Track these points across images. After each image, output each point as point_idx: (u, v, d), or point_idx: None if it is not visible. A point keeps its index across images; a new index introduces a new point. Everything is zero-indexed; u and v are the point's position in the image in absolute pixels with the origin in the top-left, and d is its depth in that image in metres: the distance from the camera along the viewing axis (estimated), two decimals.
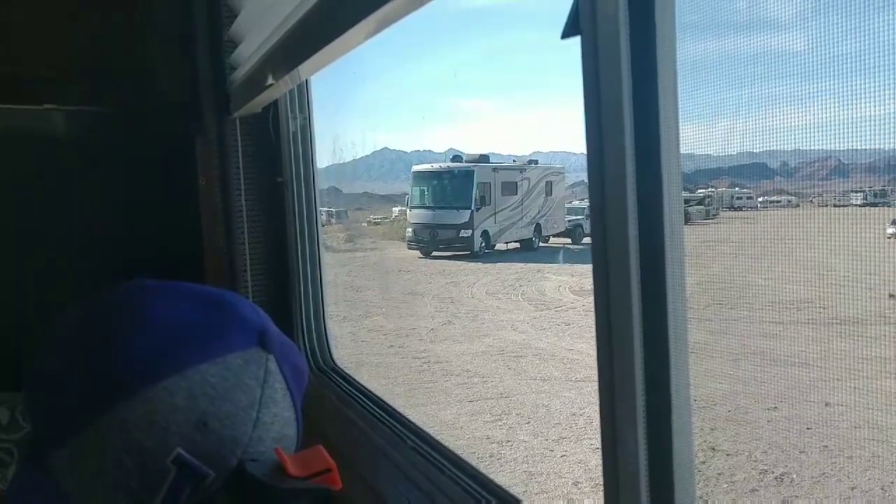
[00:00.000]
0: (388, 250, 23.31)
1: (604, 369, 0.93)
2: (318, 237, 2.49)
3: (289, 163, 2.43)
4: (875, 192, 3.30)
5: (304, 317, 2.44)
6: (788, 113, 1.33)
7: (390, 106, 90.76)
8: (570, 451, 7.15)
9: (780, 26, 1.16)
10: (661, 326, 0.88)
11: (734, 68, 1.19)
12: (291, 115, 2.41)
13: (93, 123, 2.50)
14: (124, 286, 1.06)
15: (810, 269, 2.97)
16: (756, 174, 4.25)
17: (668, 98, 0.86)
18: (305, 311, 2.45)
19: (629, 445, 0.89)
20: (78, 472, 0.97)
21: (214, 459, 0.96)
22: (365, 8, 1.26)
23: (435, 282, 17.45)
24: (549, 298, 14.61)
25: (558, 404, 8.42)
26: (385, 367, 10.57)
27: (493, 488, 1.38)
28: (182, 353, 0.96)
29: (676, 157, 0.87)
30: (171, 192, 2.44)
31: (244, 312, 1.05)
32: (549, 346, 10.96)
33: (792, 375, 3.37)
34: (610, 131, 0.87)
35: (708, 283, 3.53)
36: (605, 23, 0.86)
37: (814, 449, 4.51)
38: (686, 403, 0.89)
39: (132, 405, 0.93)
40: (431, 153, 58.16)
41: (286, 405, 1.04)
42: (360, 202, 35.67)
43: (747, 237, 5.12)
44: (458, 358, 10.61)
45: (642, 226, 0.87)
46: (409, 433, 1.69)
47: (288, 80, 1.93)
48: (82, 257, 2.36)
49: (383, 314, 14.46)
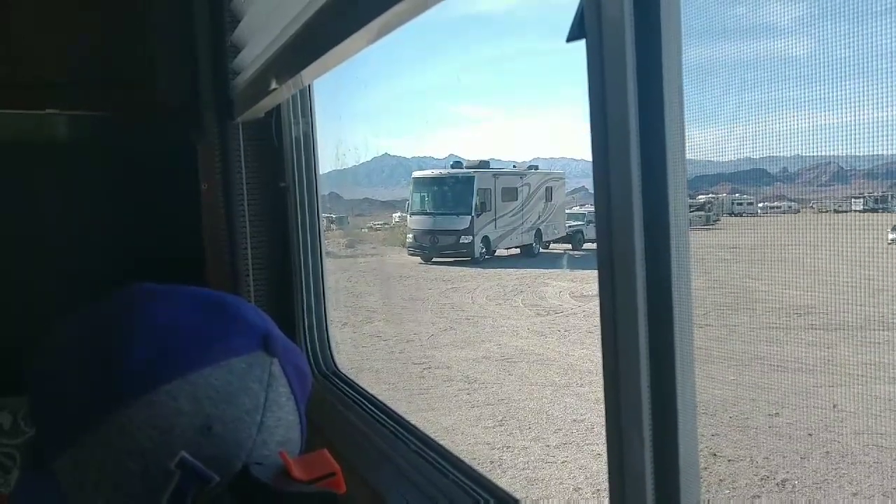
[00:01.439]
0: (388, 256, 23.31)
1: (609, 374, 0.93)
2: (321, 242, 2.49)
3: (291, 168, 2.44)
4: (875, 197, 3.29)
5: (307, 321, 2.44)
6: (789, 118, 1.33)
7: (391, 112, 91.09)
8: (572, 458, 7.13)
9: (781, 31, 1.16)
10: (666, 332, 0.88)
11: (735, 73, 1.19)
12: (294, 120, 2.42)
13: (95, 128, 2.51)
14: (126, 290, 1.06)
15: (811, 275, 2.97)
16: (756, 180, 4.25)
17: (674, 102, 0.86)
18: (308, 315, 2.45)
19: (635, 448, 0.89)
20: (81, 476, 0.96)
21: (218, 463, 0.96)
22: (367, 13, 1.27)
23: (435, 287, 17.44)
24: (550, 304, 14.59)
25: (559, 410, 8.41)
26: (386, 372, 10.56)
27: (493, 489, 1.39)
28: (185, 357, 0.96)
29: (682, 161, 0.88)
30: (173, 196, 2.44)
31: (247, 316, 1.04)
32: (549, 352, 10.95)
33: (793, 381, 3.36)
34: (615, 135, 0.87)
35: (709, 288, 3.52)
36: (610, 26, 0.86)
37: (816, 455, 4.51)
38: (692, 407, 0.89)
39: (135, 409, 0.93)
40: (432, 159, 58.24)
41: (290, 409, 1.04)
42: (361, 208, 35.67)
43: (748, 243, 5.12)
44: (459, 364, 10.60)
45: (648, 231, 0.87)
46: (411, 437, 1.69)
47: (291, 85, 1.94)
48: (84, 262, 2.36)
49: (384, 320, 14.45)
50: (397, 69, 70.40)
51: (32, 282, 2.36)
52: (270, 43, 1.94)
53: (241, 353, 1.00)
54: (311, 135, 2.44)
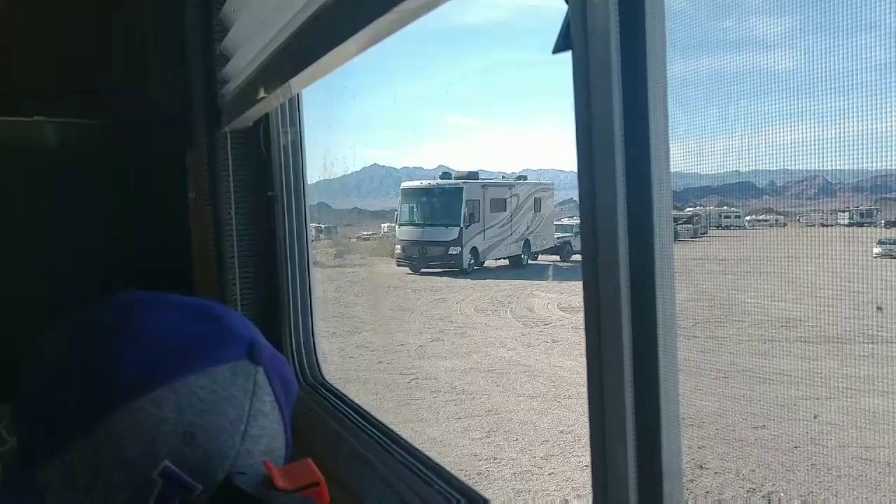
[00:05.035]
0: (377, 266, 23.28)
1: (593, 385, 0.93)
2: (308, 252, 2.48)
3: (279, 177, 2.43)
4: (861, 212, 3.31)
5: (293, 331, 2.43)
6: (776, 131, 1.34)
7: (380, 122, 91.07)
8: (559, 469, 7.13)
9: (767, 45, 1.17)
10: (650, 342, 0.88)
11: (721, 86, 1.20)
12: (282, 129, 2.41)
13: (83, 135, 2.50)
14: (113, 298, 1.06)
15: (798, 288, 2.98)
16: (743, 193, 4.26)
17: (659, 113, 0.87)
18: (294, 325, 2.44)
19: (619, 458, 0.89)
20: (65, 484, 0.96)
21: (202, 472, 0.96)
22: (357, 23, 1.27)
23: (424, 298, 17.43)
24: (538, 315, 14.60)
25: (546, 421, 8.40)
26: (373, 383, 10.53)
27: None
28: (170, 365, 0.96)
29: (667, 172, 0.88)
30: (161, 204, 2.44)
31: (233, 324, 1.04)
32: (537, 363, 10.95)
33: (780, 393, 3.37)
34: (600, 146, 0.88)
35: (696, 300, 3.53)
36: (596, 38, 0.87)
37: (801, 468, 4.52)
38: (675, 418, 0.89)
39: (120, 417, 0.93)
40: (421, 170, 58.24)
41: (275, 418, 1.03)
42: (350, 218, 35.58)
43: (735, 255, 5.14)
44: (447, 374, 10.58)
45: (632, 242, 0.88)
46: (396, 447, 1.68)
47: (280, 94, 1.94)
48: (72, 269, 2.35)
49: (372, 330, 14.42)
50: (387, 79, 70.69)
51: (19, 288, 2.35)
52: (259, 51, 1.94)
53: (226, 361, 0.99)
54: (299, 144, 2.44)
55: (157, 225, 2.43)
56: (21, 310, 2.01)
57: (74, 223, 2.42)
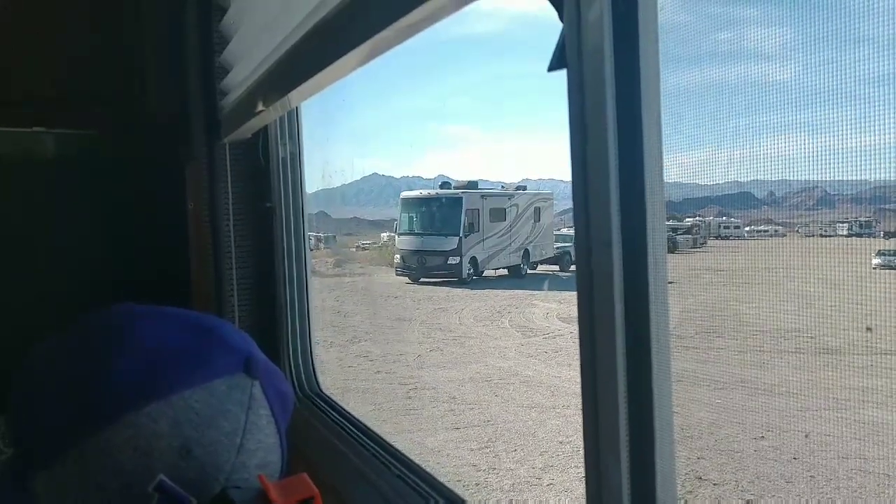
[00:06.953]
0: (376, 276, 23.27)
1: (587, 395, 0.93)
2: (307, 263, 2.48)
3: (278, 189, 2.43)
4: (861, 222, 3.32)
5: (291, 343, 2.43)
6: (775, 143, 1.34)
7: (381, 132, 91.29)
8: (557, 480, 7.11)
9: (766, 57, 1.17)
10: (644, 354, 0.89)
11: (721, 99, 1.20)
12: (281, 141, 2.42)
13: (83, 146, 2.50)
14: (110, 310, 1.05)
15: (797, 299, 2.98)
16: (743, 204, 4.27)
17: (652, 129, 0.87)
18: (292, 337, 2.44)
19: (612, 469, 0.89)
20: (59, 496, 0.95)
21: (197, 486, 0.95)
22: (356, 36, 1.27)
23: (423, 308, 17.42)
24: (537, 325, 14.59)
25: (545, 432, 8.39)
26: (372, 392, 10.52)
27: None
28: (167, 379, 0.96)
29: (660, 185, 0.88)
30: (159, 215, 2.44)
31: (230, 338, 1.04)
32: (536, 374, 10.93)
33: (779, 405, 3.37)
34: (595, 162, 0.88)
35: (695, 310, 3.53)
36: (590, 56, 0.87)
37: (800, 479, 4.51)
38: (669, 428, 0.89)
39: (115, 430, 0.92)
40: (421, 179, 58.33)
41: (270, 431, 1.03)
42: (349, 227, 35.64)
43: (734, 266, 5.14)
44: (445, 384, 10.57)
45: (626, 253, 0.88)
46: (392, 459, 1.68)
47: (278, 107, 1.94)
48: (69, 280, 2.35)
49: (371, 340, 14.40)
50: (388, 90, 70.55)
51: (16, 299, 2.34)
52: (258, 65, 1.94)
53: (223, 375, 0.99)
54: (297, 155, 2.44)
55: (156, 236, 2.43)
56: (19, 320, 2.01)
57: (73, 234, 2.42)
